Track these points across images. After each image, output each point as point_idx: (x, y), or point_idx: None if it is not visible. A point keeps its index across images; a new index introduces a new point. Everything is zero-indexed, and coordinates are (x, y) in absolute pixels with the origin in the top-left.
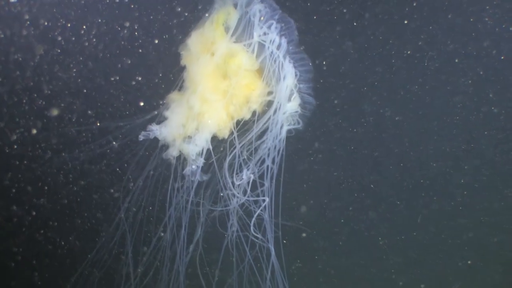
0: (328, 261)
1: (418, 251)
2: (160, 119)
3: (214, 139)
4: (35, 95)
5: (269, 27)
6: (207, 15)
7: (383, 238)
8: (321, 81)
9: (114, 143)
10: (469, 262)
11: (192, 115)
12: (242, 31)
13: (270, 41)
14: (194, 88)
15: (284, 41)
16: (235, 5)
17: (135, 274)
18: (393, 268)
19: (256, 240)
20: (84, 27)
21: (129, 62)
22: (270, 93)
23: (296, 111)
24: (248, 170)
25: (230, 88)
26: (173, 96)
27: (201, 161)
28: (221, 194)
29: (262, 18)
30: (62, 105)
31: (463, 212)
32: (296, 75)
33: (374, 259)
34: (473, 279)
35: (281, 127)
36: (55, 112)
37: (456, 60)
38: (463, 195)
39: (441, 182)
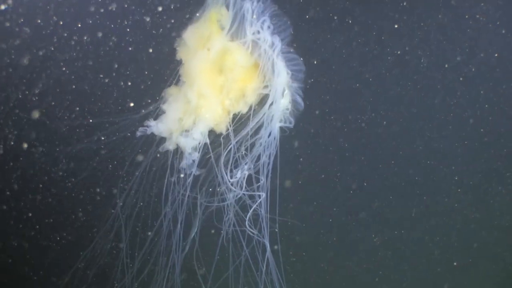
0: (322, 257)
1: (410, 249)
2: (156, 114)
3: (212, 133)
4: (29, 92)
5: (261, 25)
6: (198, 14)
7: (375, 235)
8: (313, 79)
9: (103, 138)
10: (455, 263)
11: (189, 109)
12: (237, 27)
13: (263, 39)
14: (191, 83)
15: (276, 39)
16: (228, 3)
17: (131, 269)
18: (384, 264)
19: (252, 234)
20: (79, 24)
21: (126, 58)
22: (265, 87)
23: (288, 108)
24: (243, 167)
25: (226, 83)
26: (170, 90)
27: (196, 155)
28: (210, 189)
29: (254, 16)
30: (55, 102)
31: (456, 209)
32: (288, 74)
33: (366, 256)
34: (465, 278)
35: (274, 124)
36: (49, 108)
37: (449, 58)
38: (456, 193)
39: (434, 180)
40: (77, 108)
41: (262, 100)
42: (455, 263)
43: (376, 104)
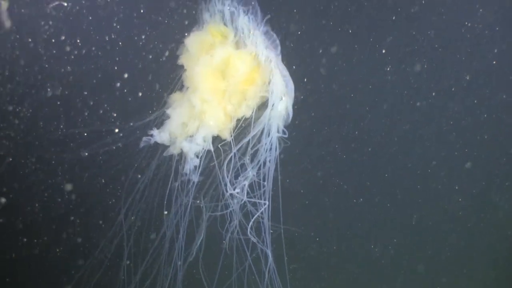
0: (323, 265)
1: (410, 256)
2: (159, 122)
3: (217, 139)
4: (29, 99)
5: (257, 39)
6: (196, 28)
7: (375, 243)
8: (311, 89)
9: (89, 149)
10: (444, 280)
11: (193, 114)
12: (239, 39)
13: (260, 52)
14: (194, 88)
15: (271, 53)
16: (225, 20)
17: (134, 278)
18: (385, 272)
19: (253, 239)
20: (79, 33)
21: (127, 64)
22: (266, 90)
23: (283, 115)
24: (245, 175)
25: (229, 87)
26: (174, 96)
27: (197, 161)
28: (206, 199)
29: (251, 32)
30: (56, 109)
31: (457, 218)
32: (282, 85)
33: (367, 264)
34: (463, 281)
35: (273, 132)
36: (48, 116)
37: (447, 65)
38: (457, 201)
39: (435, 188)
40: (78, 116)
41: (262, 106)
42: (444, 280)
43: (374, 112)
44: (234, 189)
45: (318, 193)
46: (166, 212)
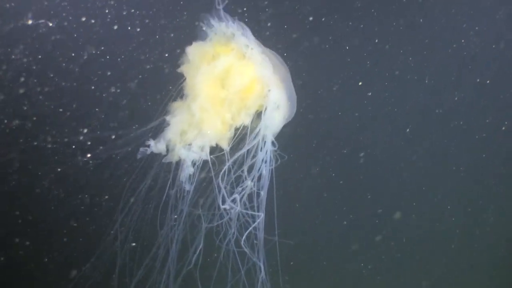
0: (315, 277)
1: (404, 276)
2: (157, 131)
3: (215, 148)
4: (27, 107)
5: (255, 56)
6: (198, 41)
7: (368, 258)
8: (307, 101)
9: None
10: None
11: (193, 122)
12: (240, 50)
13: (259, 69)
14: (194, 96)
15: (268, 72)
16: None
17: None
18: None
19: (247, 251)
20: (81, 39)
21: (127, 71)
22: (264, 99)
23: (279, 125)
24: (239, 190)
25: (229, 96)
26: (174, 104)
27: (192, 170)
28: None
29: (249, 48)
30: (53, 117)
31: (450, 238)
32: (281, 93)
33: (360, 279)
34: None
35: (268, 142)
36: (52, 121)
37: (444, 84)
38: (450, 221)
39: (429, 208)
40: (78, 123)
41: (259, 116)
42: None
43: (369, 131)
44: (227, 203)
45: (312, 206)
46: (134, 244)
